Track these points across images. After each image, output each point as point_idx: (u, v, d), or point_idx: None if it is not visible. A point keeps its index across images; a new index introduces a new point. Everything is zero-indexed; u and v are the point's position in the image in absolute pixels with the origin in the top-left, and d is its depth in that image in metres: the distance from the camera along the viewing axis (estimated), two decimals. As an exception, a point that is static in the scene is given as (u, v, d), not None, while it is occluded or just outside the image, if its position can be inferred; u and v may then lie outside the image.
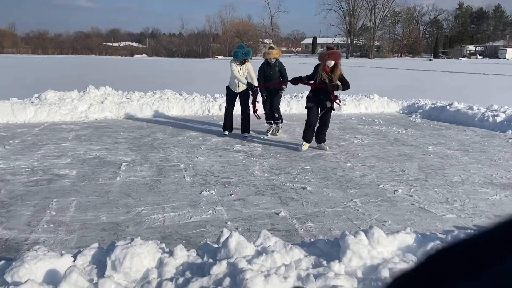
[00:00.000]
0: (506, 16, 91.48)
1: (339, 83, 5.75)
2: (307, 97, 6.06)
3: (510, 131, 7.32)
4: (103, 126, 7.70)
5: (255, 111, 6.94)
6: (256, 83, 6.71)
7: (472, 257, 0.32)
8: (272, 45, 7.69)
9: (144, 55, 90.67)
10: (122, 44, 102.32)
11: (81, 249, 2.32)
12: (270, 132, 7.16)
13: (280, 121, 7.19)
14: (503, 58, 70.59)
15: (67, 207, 3.69)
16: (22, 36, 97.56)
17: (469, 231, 2.90)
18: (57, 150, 5.78)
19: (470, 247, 0.33)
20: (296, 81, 5.98)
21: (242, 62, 6.62)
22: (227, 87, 6.90)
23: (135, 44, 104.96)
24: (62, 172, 4.75)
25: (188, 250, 2.30)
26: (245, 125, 6.96)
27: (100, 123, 7.97)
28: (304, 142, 6.00)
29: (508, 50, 74.25)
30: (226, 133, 7.04)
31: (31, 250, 2.25)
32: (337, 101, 5.92)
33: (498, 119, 7.78)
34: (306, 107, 6.05)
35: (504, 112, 8.01)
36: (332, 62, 5.68)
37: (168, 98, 9.41)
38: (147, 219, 3.45)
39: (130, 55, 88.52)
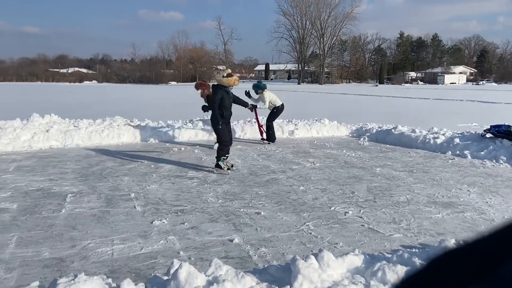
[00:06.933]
0: (443, 44, 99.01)
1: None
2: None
3: (450, 152, 7.80)
4: (48, 155, 7.34)
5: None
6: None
7: (476, 260, 0.33)
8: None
9: (94, 81, 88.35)
10: (71, 70, 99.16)
11: (20, 289, 2.17)
12: None
13: None
14: (442, 84, 75.82)
15: (6, 243, 3.44)
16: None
17: (414, 250, 3.02)
18: (-4, 182, 5.43)
19: (474, 250, 0.34)
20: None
21: None
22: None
23: (84, 70, 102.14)
24: (1, 206, 4.44)
25: (136, 284, 2.22)
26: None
27: (44, 153, 7.60)
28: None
29: (446, 76, 80.00)
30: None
31: (-39, 293, 2.07)
32: None
33: (439, 141, 8.28)
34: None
35: (443, 135, 8.55)
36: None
37: (119, 125, 9.18)
38: (94, 252, 3.29)
39: (79, 81, 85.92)
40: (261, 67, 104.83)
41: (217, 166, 6.14)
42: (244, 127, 10.08)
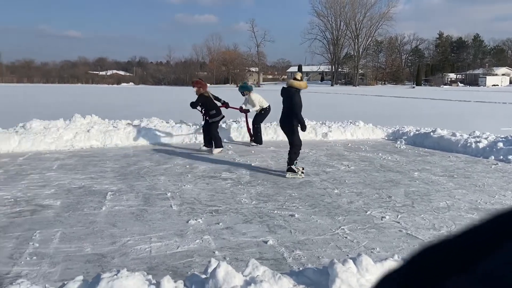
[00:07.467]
0: (485, 45, 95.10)
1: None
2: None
3: (493, 157, 7.47)
4: (89, 155, 7.62)
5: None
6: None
7: (459, 254, 0.33)
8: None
9: (131, 83, 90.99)
10: (109, 72, 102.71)
11: (65, 282, 2.26)
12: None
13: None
14: (483, 86, 72.82)
15: (50, 238, 3.60)
16: (7, 65, 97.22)
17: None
18: (41, 180, 5.69)
19: (457, 244, 0.34)
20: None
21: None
22: None
23: (122, 73, 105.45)
24: (46, 202, 4.66)
25: (175, 282, 2.26)
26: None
27: (85, 152, 7.89)
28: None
29: (488, 78, 76.73)
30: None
31: (13, 284, 2.18)
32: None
33: (481, 145, 7.95)
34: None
35: (486, 139, 8.20)
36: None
37: (155, 126, 9.41)
38: (133, 249, 3.38)
39: (117, 83, 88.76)
40: (294, 68, 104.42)
41: (290, 170, 5.98)
42: (277, 129, 10.08)
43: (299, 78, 6.09)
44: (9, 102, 25.11)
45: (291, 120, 5.93)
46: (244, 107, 9.03)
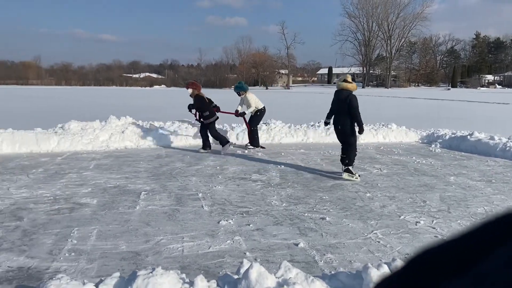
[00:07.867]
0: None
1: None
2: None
3: (534, 161, 7.15)
4: (123, 155, 7.83)
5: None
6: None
7: (458, 255, 0.33)
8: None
9: (163, 85, 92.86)
10: (142, 75, 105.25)
11: (103, 278, 2.33)
12: None
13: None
14: (523, 87, 69.69)
15: (88, 235, 3.73)
16: (47, 68, 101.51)
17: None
18: (79, 179, 5.89)
19: (456, 246, 0.34)
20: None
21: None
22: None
23: (154, 75, 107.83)
24: (83, 200, 4.82)
25: (208, 281, 2.29)
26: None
27: (120, 152, 8.11)
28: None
29: (528, 79, 73.37)
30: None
31: (53, 279, 2.27)
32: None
33: (521, 149, 7.62)
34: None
35: (526, 142, 7.85)
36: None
37: (186, 127, 9.56)
38: (166, 248, 3.45)
39: (150, 86, 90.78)
40: (324, 70, 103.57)
41: (348, 171, 5.93)
42: (307, 131, 10.02)
43: (350, 81, 6.04)
44: (48, 104, 26.18)
45: (350, 122, 5.96)
46: (240, 108, 8.86)
